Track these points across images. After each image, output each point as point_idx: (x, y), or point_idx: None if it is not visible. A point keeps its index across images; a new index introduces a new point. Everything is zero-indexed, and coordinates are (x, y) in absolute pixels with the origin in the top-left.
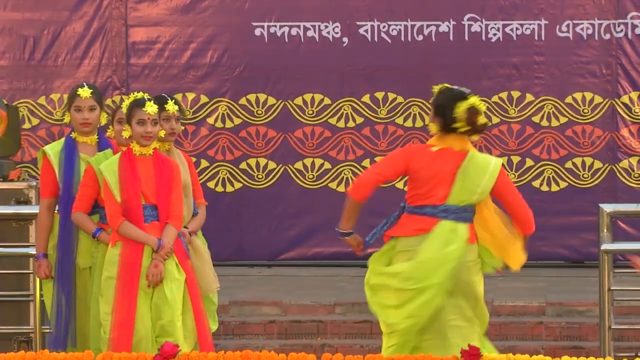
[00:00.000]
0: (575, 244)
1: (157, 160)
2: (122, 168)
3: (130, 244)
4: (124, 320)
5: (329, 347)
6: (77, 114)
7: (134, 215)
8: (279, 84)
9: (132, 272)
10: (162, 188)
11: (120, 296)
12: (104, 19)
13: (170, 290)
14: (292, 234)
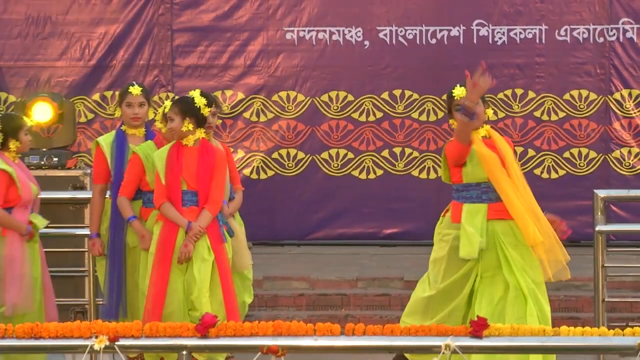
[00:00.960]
0: (573, 226)
1: (203, 149)
2: (169, 156)
3: (168, 224)
4: (156, 294)
5: (352, 317)
6: (128, 109)
7: (174, 199)
8: (307, 83)
9: (166, 250)
10: (203, 176)
11: (155, 271)
12: (151, 25)
13: (199, 269)
14: (319, 216)
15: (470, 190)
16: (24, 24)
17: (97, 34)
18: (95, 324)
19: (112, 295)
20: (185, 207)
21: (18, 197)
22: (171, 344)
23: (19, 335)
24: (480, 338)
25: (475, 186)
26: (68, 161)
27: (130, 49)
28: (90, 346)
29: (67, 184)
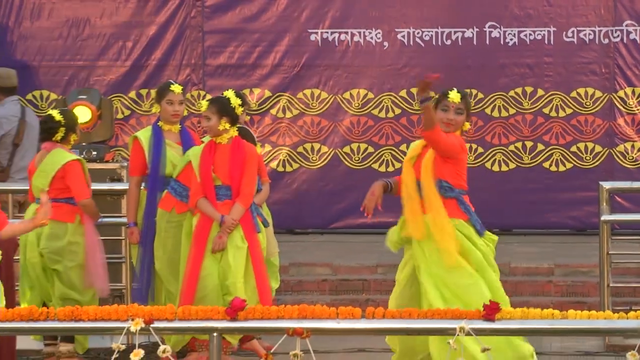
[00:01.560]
0: (579, 215)
1: (234, 147)
2: (203, 154)
3: (203, 217)
4: (189, 279)
5: (372, 301)
6: (169, 106)
7: (209, 194)
8: (330, 81)
9: (201, 239)
10: (235, 171)
11: (190, 259)
12: (184, 27)
13: (234, 257)
14: (341, 206)
15: None
16: (64, 26)
17: (133, 35)
18: (132, 308)
19: (142, 280)
20: (220, 201)
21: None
22: (202, 326)
23: (60, 317)
24: (492, 321)
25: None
26: (106, 155)
27: (164, 49)
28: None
29: (105, 176)
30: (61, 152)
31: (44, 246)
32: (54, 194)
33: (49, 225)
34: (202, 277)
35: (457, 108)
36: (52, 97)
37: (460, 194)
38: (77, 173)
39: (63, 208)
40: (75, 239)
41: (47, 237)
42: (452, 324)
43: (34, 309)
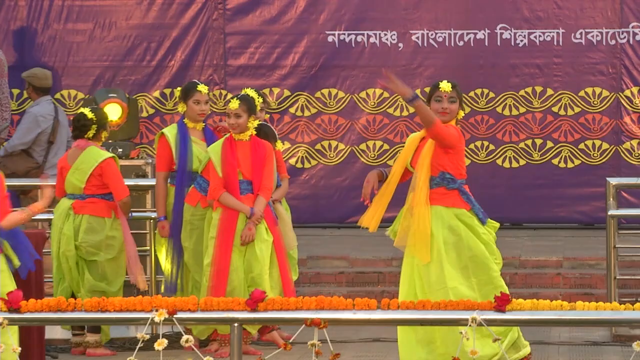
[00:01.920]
0: (587, 210)
1: (254, 144)
2: (224, 150)
3: (227, 210)
4: (220, 272)
5: (387, 293)
6: (196, 106)
7: (232, 188)
8: (347, 81)
9: (228, 233)
10: (256, 167)
11: (218, 253)
12: (206, 29)
13: (260, 249)
14: (357, 201)
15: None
16: (92, 29)
17: (157, 37)
18: (156, 299)
19: (172, 273)
20: (243, 195)
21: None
22: (224, 316)
23: (87, 308)
24: (503, 312)
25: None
26: (132, 152)
27: (187, 50)
28: (151, 319)
29: (130, 172)
30: (96, 150)
31: (82, 240)
32: (90, 190)
33: (87, 219)
34: (230, 272)
35: (450, 97)
36: (80, 97)
37: (462, 185)
38: (114, 171)
39: (100, 204)
40: (113, 233)
41: (85, 231)
42: (464, 315)
43: (62, 300)
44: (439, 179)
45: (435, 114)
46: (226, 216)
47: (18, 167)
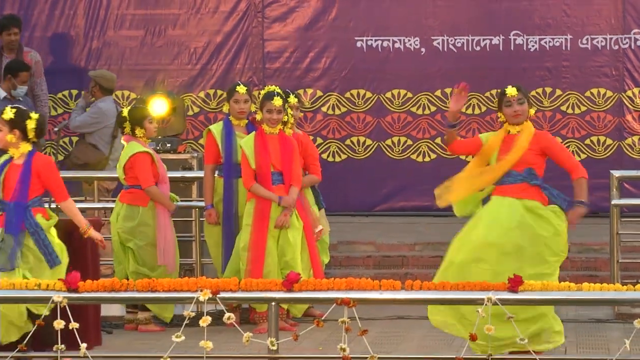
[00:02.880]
0: (592, 200)
1: (282, 137)
2: (256, 144)
3: (261, 201)
4: (257, 257)
5: (410, 275)
6: (236, 105)
7: (265, 179)
8: (374, 82)
9: (263, 221)
10: (285, 159)
11: (254, 239)
12: (246, 36)
13: (292, 235)
14: (384, 192)
15: None
16: (143, 35)
17: (202, 42)
18: (201, 280)
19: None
20: (274, 185)
21: (158, 174)
22: (262, 296)
23: (139, 288)
24: (516, 292)
25: None
26: (179, 147)
27: (229, 55)
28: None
29: (178, 165)
30: (133, 145)
31: (119, 226)
32: (129, 181)
33: (125, 208)
34: (265, 256)
35: (518, 99)
36: (132, 97)
37: (543, 182)
38: (141, 164)
39: (136, 193)
40: (146, 220)
41: (122, 218)
42: (480, 295)
43: (116, 281)
44: (525, 175)
45: (509, 118)
46: (260, 206)
47: (89, 158)
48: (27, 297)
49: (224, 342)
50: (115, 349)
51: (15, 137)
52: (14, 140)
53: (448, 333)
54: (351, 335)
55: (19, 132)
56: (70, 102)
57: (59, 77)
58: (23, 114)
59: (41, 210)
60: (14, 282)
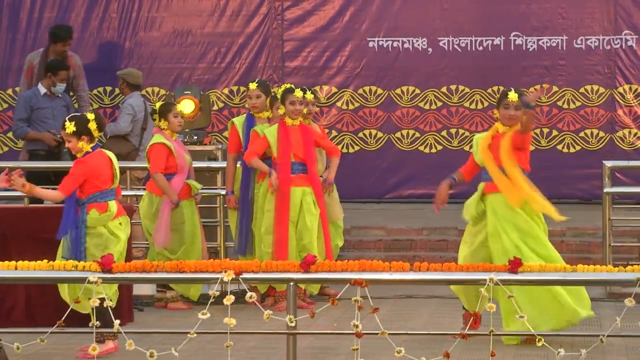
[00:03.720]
0: (586, 188)
1: (303, 128)
2: (279, 134)
3: (281, 188)
4: (281, 240)
5: (418, 257)
6: (249, 100)
7: (284, 168)
8: (385, 79)
9: (284, 207)
10: (308, 149)
11: (278, 223)
12: (267, 36)
13: (310, 220)
14: (393, 180)
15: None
16: (171, 36)
17: (227, 43)
18: (225, 262)
19: (241, 239)
20: (294, 174)
21: (175, 165)
22: (281, 277)
23: (167, 270)
24: (516, 273)
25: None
26: (205, 139)
27: (251, 54)
28: (221, 279)
29: (203, 156)
30: (156, 136)
31: (142, 212)
32: (152, 169)
33: (147, 195)
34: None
35: (516, 105)
36: (161, 93)
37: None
38: (155, 153)
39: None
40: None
41: (144, 204)
42: (483, 276)
43: (147, 263)
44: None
45: (503, 120)
46: (281, 193)
47: (121, 150)
48: (65, 277)
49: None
50: (146, 326)
51: (85, 142)
52: (84, 146)
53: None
54: (363, 313)
55: (86, 137)
56: (105, 97)
57: (93, 75)
58: (82, 121)
59: (97, 205)
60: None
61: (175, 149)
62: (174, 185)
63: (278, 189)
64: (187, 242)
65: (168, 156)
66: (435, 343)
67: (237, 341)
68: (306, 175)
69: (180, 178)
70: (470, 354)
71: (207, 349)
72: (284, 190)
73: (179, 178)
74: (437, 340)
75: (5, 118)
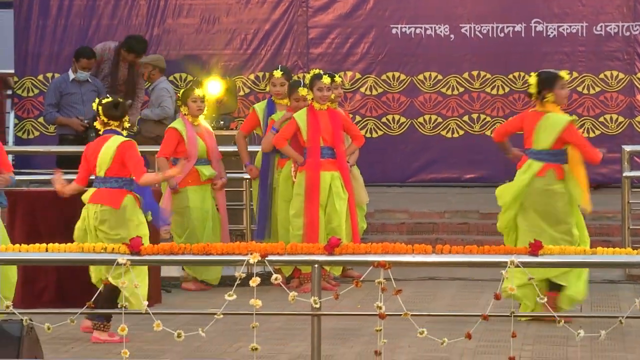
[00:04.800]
0: (606, 172)
1: (331, 112)
2: (309, 119)
3: (311, 172)
4: (311, 223)
5: (440, 240)
6: (273, 87)
7: (313, 152)
8: (407, 65)
9: (314, 192)
10: (336, 134)
11: (308, 206)
12: (292, 23)
13: (339, 204)
14: (416, 165)
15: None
16: (199, 23)
17: (253, 29)
18: (251, 244)
19: (261, 223)
20: (323, 158)
21: (184, 151)
22: (306, 259)
23: (194, 252)
24: (536, 256)
25: None
26: (231, 124)
27: (276, 41)
28: (247, 261)
29: (230, 140)
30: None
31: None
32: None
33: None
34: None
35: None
36: (189, 79)
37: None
38: (164, 137)
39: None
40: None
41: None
42: (504, 258)
43: (174, 245)
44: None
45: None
46: (311, 177)
47: (159, 131)
48: (94, 259)
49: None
50: (173, 307)
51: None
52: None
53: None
54: (386, 294)
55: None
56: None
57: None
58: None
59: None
60: (82, 245)
61: (187, 136)
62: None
63: (307, 173)
64: (191, 227)
65: (179, 142)
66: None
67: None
68: (334, 160)
69: (189, 164)
70: (491, 334)
71: (233, 329)
72: (313, 174)
73: (188, 164)
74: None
75: (36, 103)
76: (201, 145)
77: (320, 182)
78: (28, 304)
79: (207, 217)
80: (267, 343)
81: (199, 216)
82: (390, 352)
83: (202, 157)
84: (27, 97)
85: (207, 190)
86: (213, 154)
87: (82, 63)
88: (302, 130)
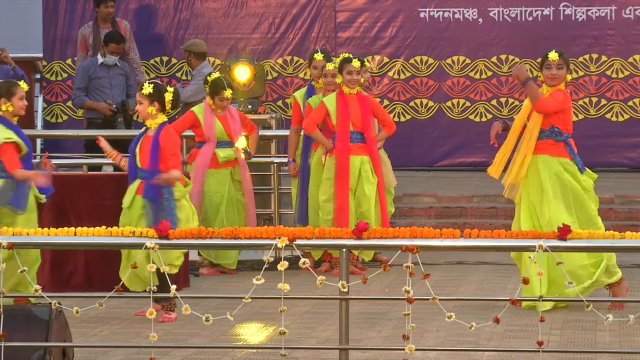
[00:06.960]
0: (634, 156)
1: (360, 97)
2: (338, 103)
3: (341, 157)
4: (341, 207)
5: (469, 224)
6: (314, 70)
7: (343, 137)
8: (436, 49)
9: (344, 176)
10: (366, 119)
11: (338, 191)
12: (320, 7)
13: (368, 189)
14: (444, 149)
15: None
16: (227, 7)
17: (280, 13)
18: (279, 228)
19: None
20: (353, 143)
21: (202, 134)
22: (334, 243)
23: (222, 236)
24: (565, 240)
25: None
26: (259, 108)
27: (304, 25)
28: (275, 245)
29: (258, 125)
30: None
31: None
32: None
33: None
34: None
35: (558, 64)
36: (217, 63)
37: (567, 138)
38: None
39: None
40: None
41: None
42: (532, 242)
43: (202, 229)
44: (548, 132)
45: (546, 80)
46: (340, 161)
47: None
48: (123, 243)
49: (300, 284)
50: (201, 291)
51: (155, 109)
52: (153, 112)
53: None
54: (414, 278)
55: (158, 104)
56: (161, 67)
57: (150, 45)
58: (161, 88)
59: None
60: (111, 229)
61: (205, 119)
62: (203, 153)
63: (337, 158)
64: (203, 210)
65: (194, 125)
66: (485, 309)
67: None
68: (364, 144)
69: (209, 147)
70: (519, 319)
71: (261, 313)
72: (343, 159)
73: (208, 147)
74: (487, 306)
75: (65, 87)
76: (219, 127)
77: (350, 166)
78: (57, 287)
79: (222, 201)
80: (295, 327)
81: (214, 199)
82: (418, 337)
83: (222, 139)
84: (55, 81)
85: (226, 174)
86: (236, 136)
87: (110, 48)
88: (332, 115)
